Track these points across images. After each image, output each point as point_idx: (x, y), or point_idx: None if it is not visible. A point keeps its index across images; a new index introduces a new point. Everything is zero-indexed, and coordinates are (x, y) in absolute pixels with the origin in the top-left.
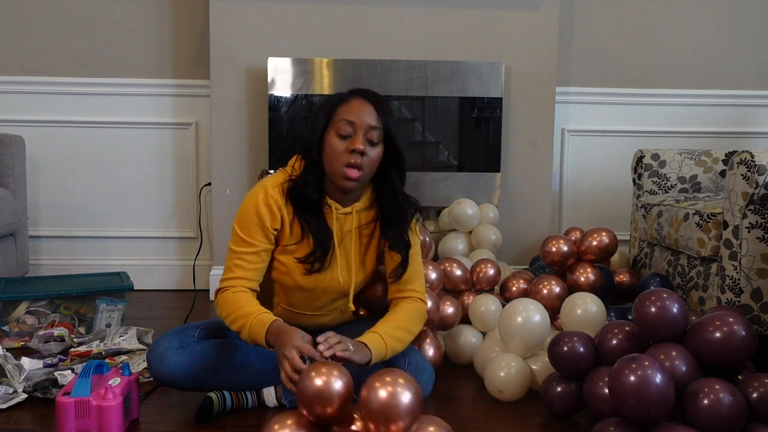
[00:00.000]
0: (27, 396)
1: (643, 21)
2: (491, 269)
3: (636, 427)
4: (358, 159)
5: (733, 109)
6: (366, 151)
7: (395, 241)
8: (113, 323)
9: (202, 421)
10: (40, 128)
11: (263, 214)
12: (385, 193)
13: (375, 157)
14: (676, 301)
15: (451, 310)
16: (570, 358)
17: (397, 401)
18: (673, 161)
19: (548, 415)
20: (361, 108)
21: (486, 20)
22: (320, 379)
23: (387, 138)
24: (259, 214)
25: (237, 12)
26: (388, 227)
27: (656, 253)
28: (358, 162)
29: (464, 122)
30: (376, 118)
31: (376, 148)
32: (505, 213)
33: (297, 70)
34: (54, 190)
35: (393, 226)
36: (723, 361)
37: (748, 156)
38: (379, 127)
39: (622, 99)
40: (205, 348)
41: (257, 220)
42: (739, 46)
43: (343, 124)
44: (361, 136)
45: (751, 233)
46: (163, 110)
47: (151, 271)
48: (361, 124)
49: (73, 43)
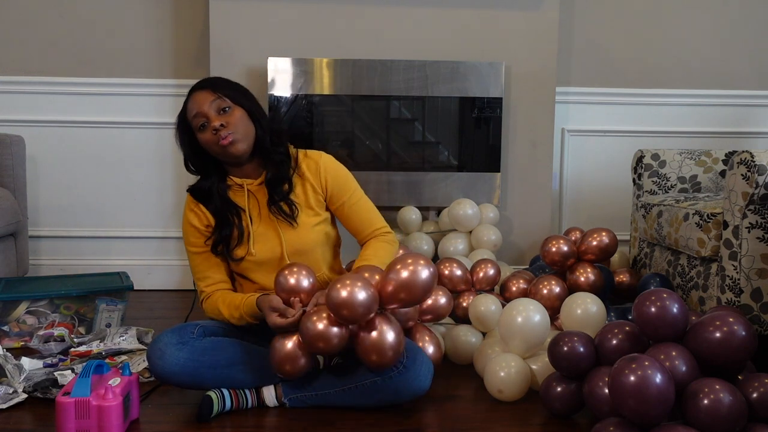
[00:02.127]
0: (27, 396)
1: (642, 21)
2: (491, 269)
3: (636, 427)
4: (222, 131)
5: (733, 109)
6: (224, 122)
7: (274, 193)
8: (113, 323)
9: (202, 420)
10: (40, 128)
11: (190, 218)
12: (260, 152)
13: (237, 116)
14: (676, 301)
15: (444, 300)
16: (570, 358)
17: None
18: (673, 161)
19: (548, 415)
20: (197, 98)
21: (486, 20)
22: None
23: (236, 100)
24: (189, 221)
25: (237, 12)
26: (270, 185)
27: (656, 253)
28: (223, 133)
29: (464, 122)
30: (211, 93)
31: (232, 111)
32: (505, 213)
33: (297, 70)
34: (54, 190)
35: (273, 181)
36: (723, 361)
37: (748, 156)
38: (219, 97)
39: (622, 99)
40: (205, 345)
41: (190, 228)
42: (739, 46)
43: (195, 119)
44: (212, 115)
45: (751, 233)
46: (163, 110)
47: (151, 271)
48: (205, 108)
49: (73, 43)
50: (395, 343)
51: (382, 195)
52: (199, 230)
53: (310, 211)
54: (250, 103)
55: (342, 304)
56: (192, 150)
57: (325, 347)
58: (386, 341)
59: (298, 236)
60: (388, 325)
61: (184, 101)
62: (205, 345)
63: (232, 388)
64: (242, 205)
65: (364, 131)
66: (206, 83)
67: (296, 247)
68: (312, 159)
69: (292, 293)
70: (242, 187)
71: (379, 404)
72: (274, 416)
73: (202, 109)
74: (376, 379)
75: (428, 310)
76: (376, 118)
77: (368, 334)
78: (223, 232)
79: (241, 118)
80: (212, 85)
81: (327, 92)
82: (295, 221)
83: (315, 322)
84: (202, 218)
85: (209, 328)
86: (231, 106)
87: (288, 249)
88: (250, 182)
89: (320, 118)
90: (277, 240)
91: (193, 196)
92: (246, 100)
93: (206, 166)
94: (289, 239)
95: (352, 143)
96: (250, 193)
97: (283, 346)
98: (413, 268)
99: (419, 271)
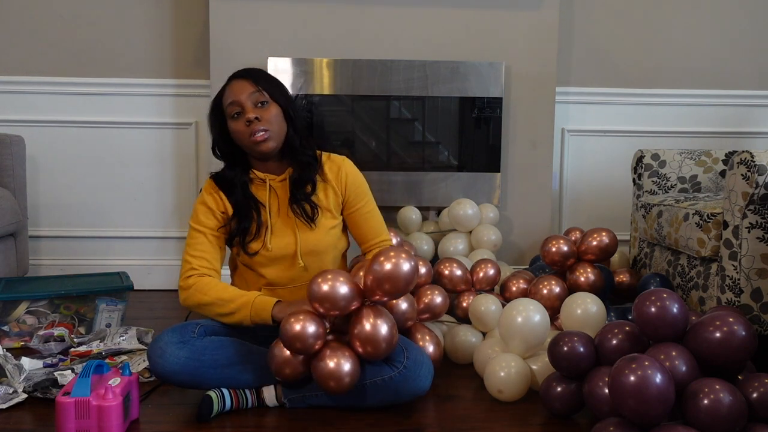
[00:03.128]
0: (27, 396)
1: (642, 21)
2: (491, 269)
3: (636, 427)
4: (256, 125)
5: (733, 109)
6: (259, 115)
7: (297, 193)
8: (113, 323)
9: (202, 420)
10: (40, 128)
11: (208, 200)
12: (289, 152)
13: (273, 113)
14: (676, 301)
15: (440, 299)
16: (570, 358)
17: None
18: (673, 161)
19: (548, 415)
20: (236, 86)
21: (486, 20)
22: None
23: (273, 96)
24: (205, 203)
25: (237, 12)
26: (294, 185)
27: (656, 253)
28: (257, 128)
29: (464, 122)
30: (252, 85)
31: (269, 107)
32: (505, 213)
33: (297, 70)
34: (54, 190)
35: (297, 182)
36: (723, 361)
37: (748, 156)
38: (258, 90)
39: (622, 99)
40: (206, 344)
41: (204, 208)
42: (739, 46)
43: (230, 107)
44: (248, 106)
45: (751, 233)
46: (163, 110)
47: (151, 271)
48: (242, 98)
49: (73, 43)
50: (388, 335)
51: (382, 195)
52: (214, 213)
53: (328, 214)
54: (287, 101)
55: (324, 297)
56: (221, 136)
57: (302, 347)
58: (379, 332)
59: (315, 237)
60: (379, 316)
61: (222, 86)
62: (206, 344)
63: (232, 387)
64: (263, 200)
65: (364, 131)
66: (247, 73)
67: (311, 247)
68: (335, 163)
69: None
70: (264, 182)
71: (380, 404)
72: (274, 416)
73: (239, 98)
74: (376, 379)
75: (424, 309)
76: (376, 118)
77: (362, 326)
78: (241, 225)
79: (276, 116)
80: (253, 76)
81: (327, 92)
82: (314, 223)
83: (293, 323)
84: (220, 204)
85: (210, 327)
86: (268, 101)
87: (302, 248)
88: (272, 178)
89: (320, 118)
90: (293, 238)
91: (216, 183)
92: (283, 98)
93: (233, 155)
94: (304, 239)
95: (352, 143)
96: (272, 189)
97: (282, 351)
98: (395, 261)
99: (401, 264)
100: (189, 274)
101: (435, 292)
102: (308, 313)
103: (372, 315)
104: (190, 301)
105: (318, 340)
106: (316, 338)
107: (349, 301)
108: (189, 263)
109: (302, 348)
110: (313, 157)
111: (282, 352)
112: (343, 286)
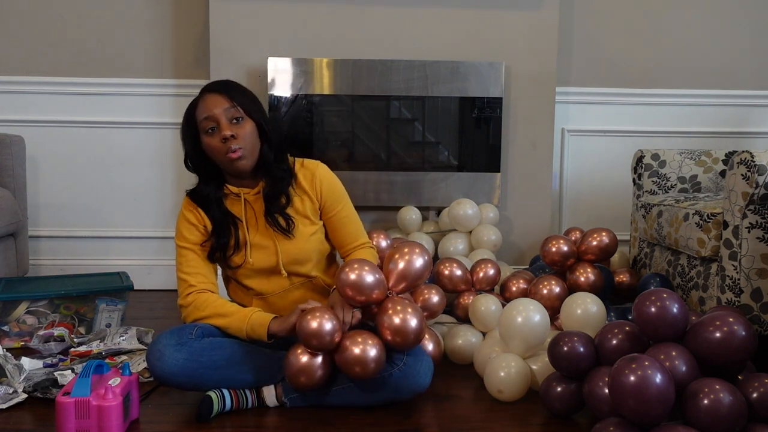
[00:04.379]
0: (27, 396)
1: (642, 21)
2: (491, 269)
3: (636, 427)
4: (231, 143)
5: (733, 109)
6: (235, 133)
7: (271, 207)
8: (113, 323)
9: (201, 420)
10: (40, 128)
11: (189, 217)
12: (263, 167)
13: (248, 130)
14: (676, 301)
15: (436, 299)
16: (570, 358)
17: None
18: (673, 161)
19: (548, 415)
20: (210, 100)
21: (486, 20)
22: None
23: (248, 112)
24: (187, 219)
25: (237, 12)
26: (268, 198)
27: (656, 253)
28: (233, 146)
29: (464, 122)
30: (227, 100)
31: (244, 124)
32: (505, 213)
33: (297, 70)
34: (54, 190)
35: (270, 196)
36: (723, 361)
37: (748, 156)
38: (234, 105)
39: (622, 99)
40: (204, 345)
41: (187, 224)
42: (739, 46)
43: (205, 122)
44: (224, 123)
45: (751, 233)
46: (163, 110)
47: (151, 271)
48: (217, 113)
49: (73, 43)
50: (417, 328)
51: (382, 195)
52: (198, 228)
53: (306, 221)
54: (261, 117)
55: (352, 285)
56: (194, 149)
57: (319, 344)
58: (409, 326)
59: (296, 246)
60: (407, 308)
61: (195, 99)
62: (204, 345)
63: (231, 388)
64: (239, 215)
65: (364, 131)
66: (222, 87)
67: (293, 257)
68: (308, 169)
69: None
70: (239, 196)
71: (380, 402)
72: (274, 416)
73: (213, 113)
74: (376, 376)
75: (422, 308)
76: (376, 118)
77: (391, 318)
78: (220, 241)
79: (251, 133)
80: (228, 90)
81: (327, 92)
82: (291, 234)
83: (309, 320)
84: (201, 219)
85: (208, 329)
86: (243, 117)
87: (284, 259)
88: (247, 191)
89: (320, 118)
90: (273, 249)
91: (193, 200)
92: (258, 113)
93: (205, 168)
94: (285, 250)
95: (352, 143)
96: (247, 202)
97: (297, 358)
98: (409, 257)
99: (414, 260)
100: (188, 292)
101: (432, 291)
102: (323, 309)
103: (401, 306)
104: (190, 318)
105: (335, 335)
106: (333, 333)
107: (374, 289)
108: (186, 281)
109: (319, 345)
110: (287, 171)
111: (298, 359)
112: (370, 275)
